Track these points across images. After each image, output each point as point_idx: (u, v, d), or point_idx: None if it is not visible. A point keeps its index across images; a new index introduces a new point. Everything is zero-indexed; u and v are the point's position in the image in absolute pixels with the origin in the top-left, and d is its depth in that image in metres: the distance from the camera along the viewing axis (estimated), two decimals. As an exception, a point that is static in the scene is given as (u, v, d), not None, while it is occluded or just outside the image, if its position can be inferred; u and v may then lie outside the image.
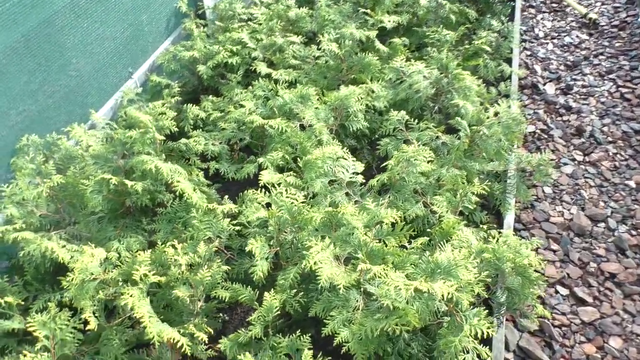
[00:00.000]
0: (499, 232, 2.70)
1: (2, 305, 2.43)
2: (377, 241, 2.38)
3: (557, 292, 3.08)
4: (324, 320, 2.20)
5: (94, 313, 2.29)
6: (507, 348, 2.79)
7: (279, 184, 2.82)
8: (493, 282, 2.46)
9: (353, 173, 2.93)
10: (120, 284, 2.31)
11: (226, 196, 2.93)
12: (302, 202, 2.57)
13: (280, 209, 2.54)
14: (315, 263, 2.21)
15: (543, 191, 3.73)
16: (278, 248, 2.57)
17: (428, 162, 2.96)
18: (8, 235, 2.52)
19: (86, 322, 2.29)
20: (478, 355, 2.19)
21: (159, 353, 2.38)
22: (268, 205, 2.75)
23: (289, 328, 2.61)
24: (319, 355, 2.21)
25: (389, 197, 2.78)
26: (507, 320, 2.94)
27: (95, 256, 2.33)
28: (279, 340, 2.29)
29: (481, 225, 2.73)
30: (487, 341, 2.75)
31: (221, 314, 2.95)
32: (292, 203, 2.53)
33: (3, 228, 2.58)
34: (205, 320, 2.47)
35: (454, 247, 2.39)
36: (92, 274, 2.29)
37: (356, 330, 2.10)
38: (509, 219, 3.32)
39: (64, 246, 2.57)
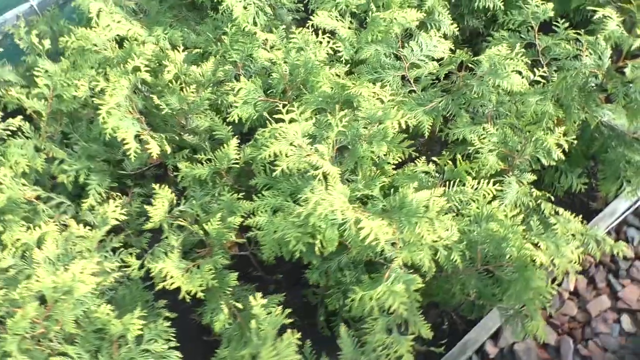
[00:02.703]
0: (555, 212, 1.94)
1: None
2: (368, 142, 1.86)
3: (618, 320, 2.23)
4: (257, 195, 1.89)
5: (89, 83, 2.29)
6: (495, 339, 2.18)
7: (331, 33, 2.31)
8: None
9: (425, 56, 2.25)
10: (115, 66, 2.22)
11: (282, 26, 2.52)
12: (326, 62, 2.08)
13: (297, 58, 2.10)
14: (272, 129, 1.83)
15: None
16: (286, 102, 2.20)
17: (532, 82, 2.12)
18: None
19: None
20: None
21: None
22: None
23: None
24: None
25: (441, 101, 2.10)
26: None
27: (109, 29, 2.25)
28: (223, 194, 2.06)
29: (535, 191, 1.95)
30: (473, 322, 2.20)
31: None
32: (311, 57, 2.06)
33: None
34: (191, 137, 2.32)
35: (448, 195, 1.77)
36: (96, 45, 2.24)
37: (277, 222, 1.76)
38: (620, 204, 2.38)
39: (112, 13, 2.53)
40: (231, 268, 2.32)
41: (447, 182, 1.85)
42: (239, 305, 1.84)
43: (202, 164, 2.08)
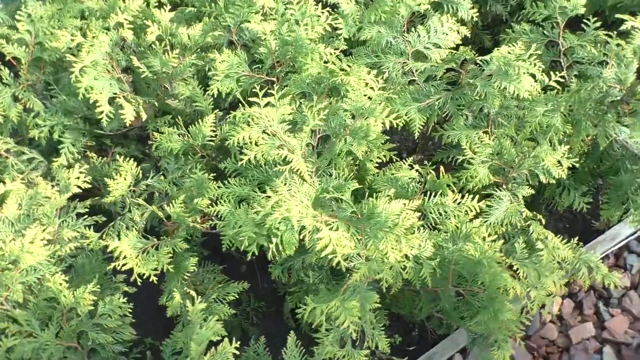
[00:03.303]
0: (545, 236, 1.78)
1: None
2: (351, 136, 1.71)
3: (600, 351, 2.10)
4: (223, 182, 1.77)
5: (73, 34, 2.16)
6: (464, 354, 2.08)
7: (335, 6, 2.12)
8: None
9: (433, 44, 2.05)
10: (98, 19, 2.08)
11: (286, -9, 2.32)
12: (317, 40, 1.90)
13: (288, 33, 1.92)
14: (244, 113, 1.69)
15: None
16: (274, 79, 2.04)
17: (544, 88, 1.92)
18: None
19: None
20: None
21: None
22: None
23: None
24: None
25: (439, 99, 1.91)
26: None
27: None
28: (195, 171, 1.95)
29: (525, 211, 1.78)
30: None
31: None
32: (302, 34, 1.88)
33: None
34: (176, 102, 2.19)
35: (427, 207, 1.63)
36: (81, -5, 2.09)
37: (238, 214, 1.65)
38: (622, 229, 2.20)
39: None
40: (204, 244, 2.24)
41: (428, 193, 1.69)
42: (194, 294, 1.75)
43: (179, 136, 1.96)
